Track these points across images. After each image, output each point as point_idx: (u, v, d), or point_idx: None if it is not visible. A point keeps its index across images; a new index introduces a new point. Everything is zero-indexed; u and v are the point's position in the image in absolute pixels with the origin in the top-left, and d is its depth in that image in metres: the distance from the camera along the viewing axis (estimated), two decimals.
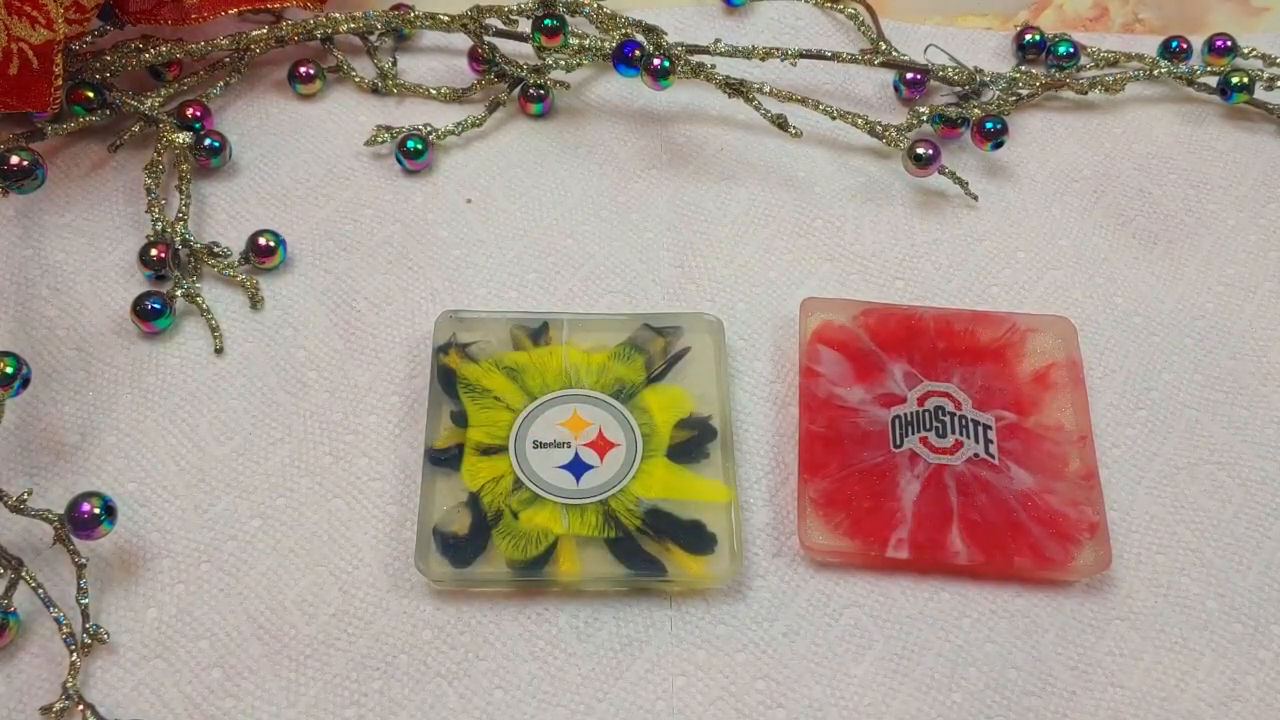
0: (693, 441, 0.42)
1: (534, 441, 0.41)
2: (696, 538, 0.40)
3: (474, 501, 0.40)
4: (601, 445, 0.41)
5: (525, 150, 0.52)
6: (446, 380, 0.43)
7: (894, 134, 0.50)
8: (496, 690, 0.38)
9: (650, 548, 0.39)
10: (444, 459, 0.41)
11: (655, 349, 0.44)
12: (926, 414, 0.42)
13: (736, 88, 0.49)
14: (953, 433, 0.42)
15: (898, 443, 0.42)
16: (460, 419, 0.42)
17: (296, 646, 0.38)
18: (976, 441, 0.42)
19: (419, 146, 0.50)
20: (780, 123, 0.49)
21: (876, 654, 0.39)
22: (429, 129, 0.51)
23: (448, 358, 0.43)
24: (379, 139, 0.50)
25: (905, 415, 0.43)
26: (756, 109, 0.49)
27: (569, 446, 0.41)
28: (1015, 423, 0.43)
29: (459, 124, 0.51)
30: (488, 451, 0.41)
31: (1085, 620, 0.40)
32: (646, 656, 0.39)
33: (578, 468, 0.41)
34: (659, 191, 0.50)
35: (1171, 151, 0.53)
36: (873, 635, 0.39)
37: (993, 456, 0.42)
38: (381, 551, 0.40)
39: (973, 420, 0.42)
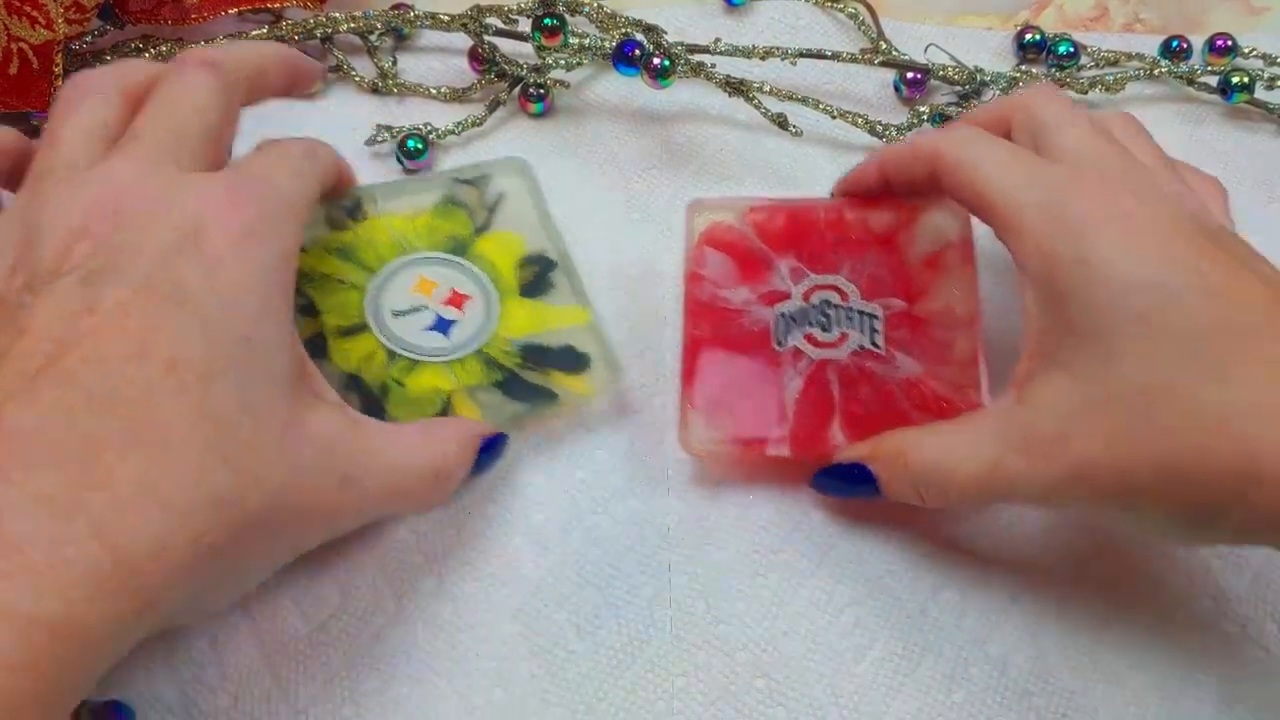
0: (537, 276, 0.44)
1: (392, 312, 0.42)
2: (572, 359, 0.42)
3: (355, 383, 0.40)
4: (457, 299, 0.43)
5: (525, 149, 0.51)
6: None
7: (894, 134, 0.50)
8: (495, 689, 0.38)
9: (535, 379, 0.41)
10: (309, 352, 0.40)
11: (472, 200, 0.45)
12: (812, 309, 0.42)
13: (737, 87, 0.49)
14: (838, 326, 0.42)
15: (781, 341, 0.42)
16: (309, 309, 0.42)
17: (293, 645, 0.38)
18: (862, 333, 0.41)
19: (419, 146, 0.50)
20: (780, 122, 0.49)
21: (877, 653, 0.39)
22: (429, 128, 0.51)
23: None
24: (379, 138, 0.50)
25: (789, 312, 0.42)
26: (757, 108, 0.49)
27: (427, 309, 0.42)
28: (904, 310, 0.42)
29: (459, 123, 0.51)
30: (348, 333, 0.41)
31: (1085, 621, 0.40)
32: (646, 656, 0.39)
33: (443, 325, 0.42)
34: (659, 191, 0.50)
35: (1172, 151, 0.52)
36: (874, 634, 0.39)
37: (879, 347, 0.41)
38: (379, 550, 0.40)
39: (859, 311, 0.42)
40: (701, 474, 0.42)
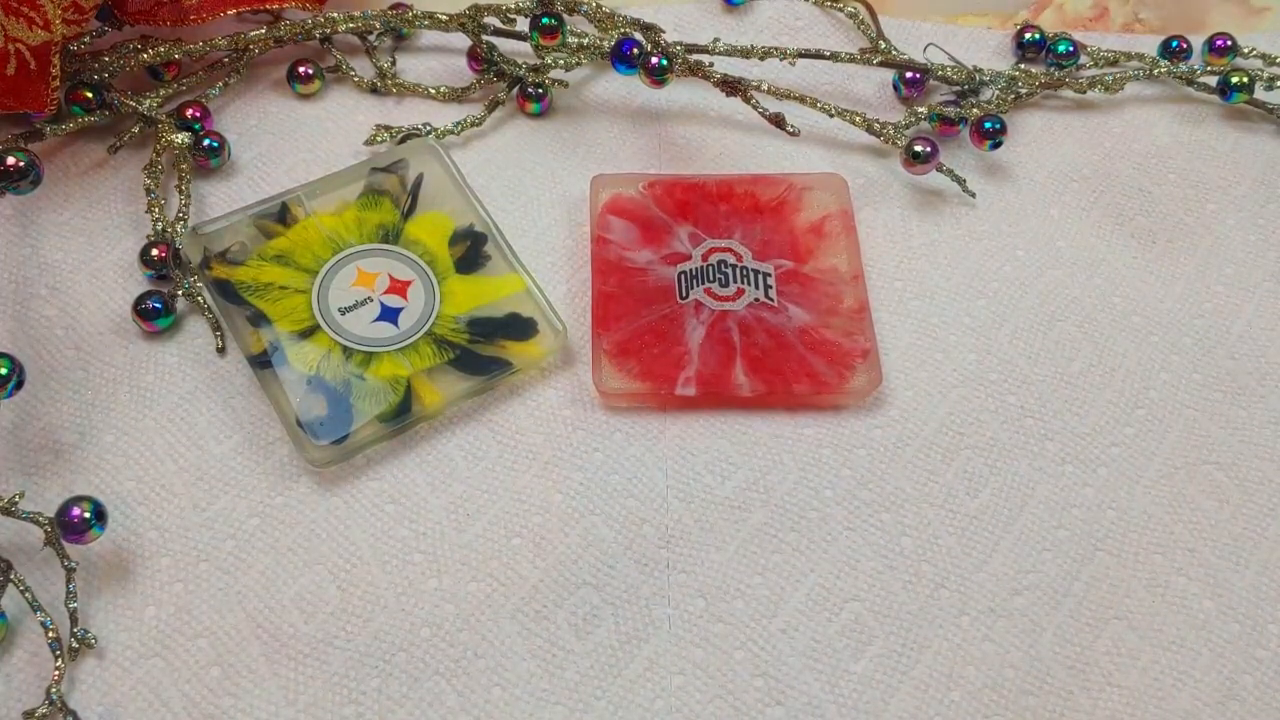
0: (470, 250, 0.45)
1: (339, 309, 0.44)
2: (519, 326, 0.44)
3: (318, 383, 0.42)
4: (398, 287, 0.44)
5: (524, 149, 0.52)
6: (227, 291, 0.44)
7: (892, 131, 0.50)
8: (494, 688, 0.38)
9: (487, 351, 0.43)
10: (268, 359, 0.42)
11: (393, 186, 0.47)
12: (710, 268, 0.46)
13: (734, 86, 0.49)
14: (735, 282, 0.46)
15: (684, 295, 0.45)
16: (259, 319, 0.43)
17: (295, 645, 0.38)
18: (757, 288, 0.45)
19: None
20: (777, 121, 0.49)
21: (875, 651, 0.39)
22: (428, 128, 0.51)
23: (215, 270, 0.44)
24: (378, 138, 0.50)
25: (690, 270, 0.46)
26: (754, 107, 0.49)
27: (371, 300, 0.44)
28: (793, 269, 0.46)
29: (458, 123, 0.51)
30: (304, 335, 0.43)
31: (1083, 619, 0.40)
32: (645, 654, 0.39)
33: (390, 314, 0.44)
34: None
35: (1171, 151, 0.53)
36: (872, 632, 0.39)
37: (772, 300, 0.45)
38: (380, 549, 0.40)
39: (753, 270, 0.46)
40: (699, 472, 0.42)
